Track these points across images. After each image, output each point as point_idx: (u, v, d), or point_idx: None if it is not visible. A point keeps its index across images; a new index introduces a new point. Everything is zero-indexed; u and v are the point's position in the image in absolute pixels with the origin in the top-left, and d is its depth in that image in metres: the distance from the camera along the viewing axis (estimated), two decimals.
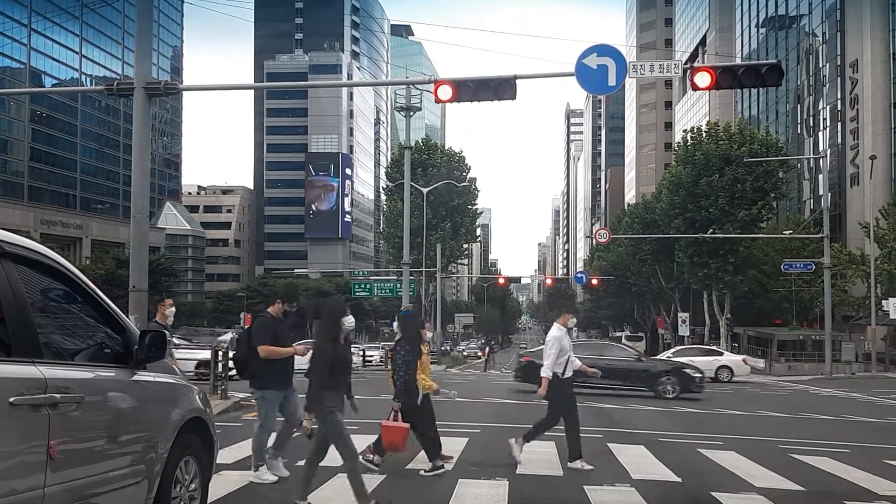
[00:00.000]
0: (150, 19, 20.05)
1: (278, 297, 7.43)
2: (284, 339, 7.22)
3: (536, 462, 8.42)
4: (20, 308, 3.22)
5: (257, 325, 7.20)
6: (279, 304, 7.30)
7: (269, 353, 7.00)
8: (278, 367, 7.10)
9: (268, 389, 7.11)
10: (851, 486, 7.66)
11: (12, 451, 2.98)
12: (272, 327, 7.17)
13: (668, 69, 13.87)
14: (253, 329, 7.21)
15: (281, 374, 7.15)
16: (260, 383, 7.14)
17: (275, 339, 7.10)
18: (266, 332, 7.11)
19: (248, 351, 7.11)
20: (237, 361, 7.42)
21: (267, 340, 7.03)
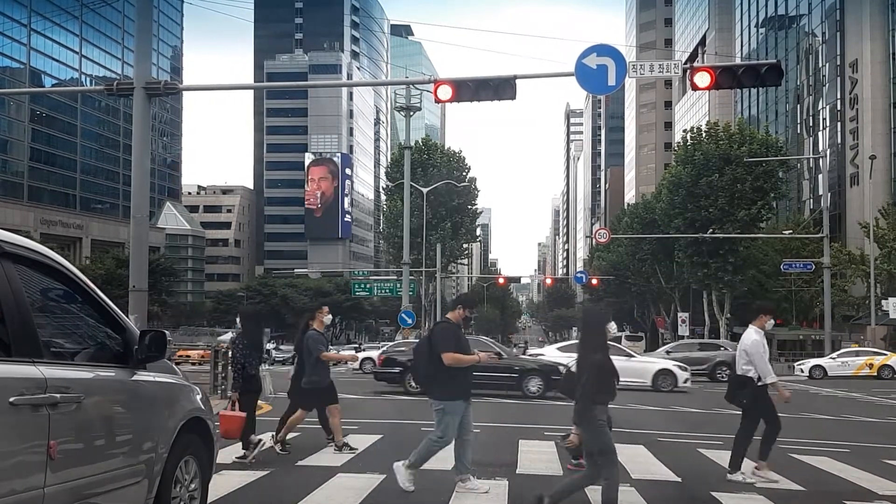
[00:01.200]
0: (150, 19, 20.07)
1: (459, 302, 7.00)
2: (467, 347, 6.82)
3: (536, 462, 8.42)
4: (20, 308, 3.22)
5: (440, 332, 6.77)
6: (461, 309, 6.89)
7: (454, 361, 6.56)
8: (461, 377, 6.69)
9: (451, 401, 6.66)
10: (851, 486, 7.66)
11: (12, 451, 2.98)
12: (456, 334, 6.76)
13: (667, 69, 13.87)
14: (435, 336, 6.77)
15: (464, 384, 6.75)
16: (442, 394, 6.68)
17: (458, 346, 6.68)
18: (450, 338, 6.67)
19: (428, 359, 6.69)
20: (413, 370, 7.08)
21: (451, 347, 6.60)
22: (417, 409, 14.75)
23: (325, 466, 7.72)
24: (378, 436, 10.14)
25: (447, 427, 6.67)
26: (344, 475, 7.28)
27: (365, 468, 7.69)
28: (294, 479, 7.07)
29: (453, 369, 6.59)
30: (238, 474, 7.12)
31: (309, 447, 8.97)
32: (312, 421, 11.55)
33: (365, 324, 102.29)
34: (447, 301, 70.76)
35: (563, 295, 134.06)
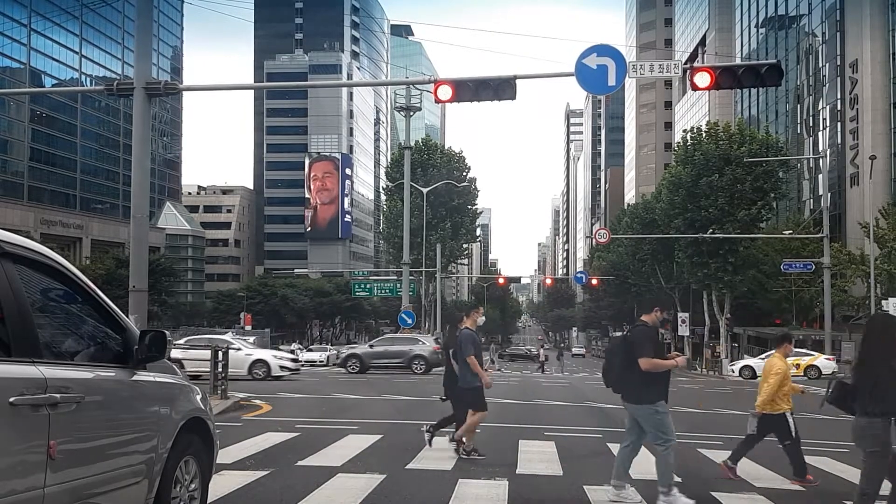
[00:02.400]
0: (150, 19, 20.08)
1: (655, 304, 6.79)
2: (663, 351, 6.67)
3: (536, 462, 8.42)
4: (20, 308, 3.22)
5: (639, 335, 6.54)
6: (657, 311, 6.67)
7: (653, 366, 6.37)
8: (661, 380, 6.51)
9: (660, 401, 6.47)
10: (851, 486, 7.65)
11: (12, 451, 2.98)
12: (654, 338, 6.57)
13: (667, 69, 13.87)
14: (633, 339, 6.56)
15: (665, 387, 6.55)
16: (647, 396, 6.47)
17: (656, 350, 6.50)
18: (649, 342, 6.48)
19: (624, 362, 6.52)
20: (607, 373, 6.81)
21: (650, 352, 6.41)
22: (418, 409, 14.76)
23: (325, 466, 7.72)
24: (378, 436, 10.14)
25: (666, 427, 6.44)
26: (344, 475, 7.28)
27: (365, 468, 7.69)
28: (294, 479, 7.07)
29: (652, 373, 6.39)
30: (238, 474, 7.12)
31: (309, 447, 8.97)
32: (312, 421, 11.55)
33: (365, 324, 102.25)
34: (447, 301, 70.70)
35: (563, 295, 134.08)
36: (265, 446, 9.00)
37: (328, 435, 10.04)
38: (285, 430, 10.38)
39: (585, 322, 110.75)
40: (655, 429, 6.46)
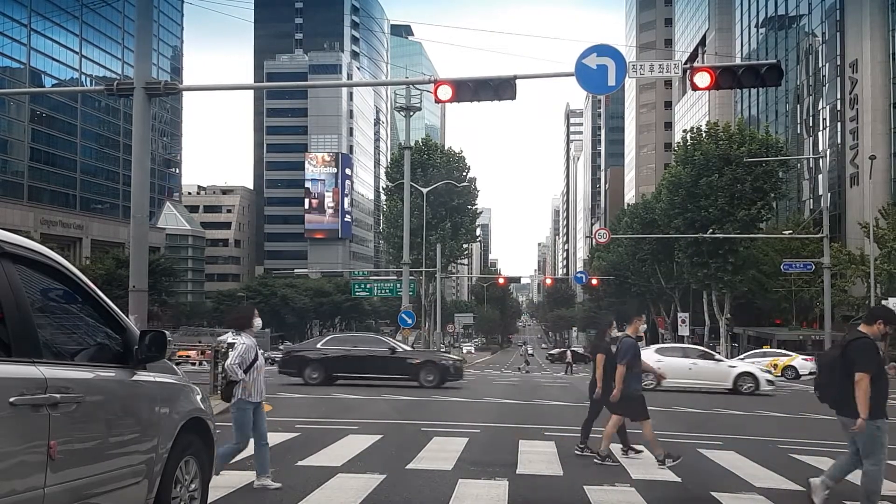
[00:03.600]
0: (150, 19, 20.08)
1: (877, 316, 6.29)
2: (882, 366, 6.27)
3: (536, 462, 8.42)
4: (20, 308, 3.22)
5: (861, 348, 6.11)
6: (880, 324, 6.21)
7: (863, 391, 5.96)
8: (881, 395, 6.15)
9: (881, 418, 6.11)
10: (851, 485, 7.65)
11: (12, 451, 2.97)
12: (876, 352, 6.19)
13: (667, 69, 13.87)
14: (852, 352, 6.13)
15: (884, 403, 6.21)
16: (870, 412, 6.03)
17: (878, 365, 6.11)
18: (872, 357, 6.07)
19: (842, 376, 6.16)
20: (821, 387, 6.43)
21: (873, 367, 6.02)
22: (417, 409, 14.77)
23: (325, 466, 7.72)
24: (378, 436, 10.13)
25: (882, 447, 6.13)
26: (344, 475, 7.28)
27: (365, 468, 7.69)
28: (294, 479, 7.07)
29: (875, 386, 5.99)
30: (238, 474, 7.12)
31: (309, 447, 8.97)
32: (312, 421, 11.56)
33: (365, 324, 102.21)
34: (447, 301, 70.58)
35: (563, 295, 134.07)
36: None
37: (328, 435, 10.04)
38: (285, 430, 10.37)
39: (585, 322, 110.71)
40: (870, 445, 6.14)
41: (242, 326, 6.82)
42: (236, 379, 6.60)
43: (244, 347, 6.69)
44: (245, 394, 6.64)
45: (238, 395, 6.66)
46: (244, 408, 6.70)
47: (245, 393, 6.64)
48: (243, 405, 6.70)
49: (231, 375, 6.63)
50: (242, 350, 6.68)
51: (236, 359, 6.62)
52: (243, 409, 6.70)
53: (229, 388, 6.69)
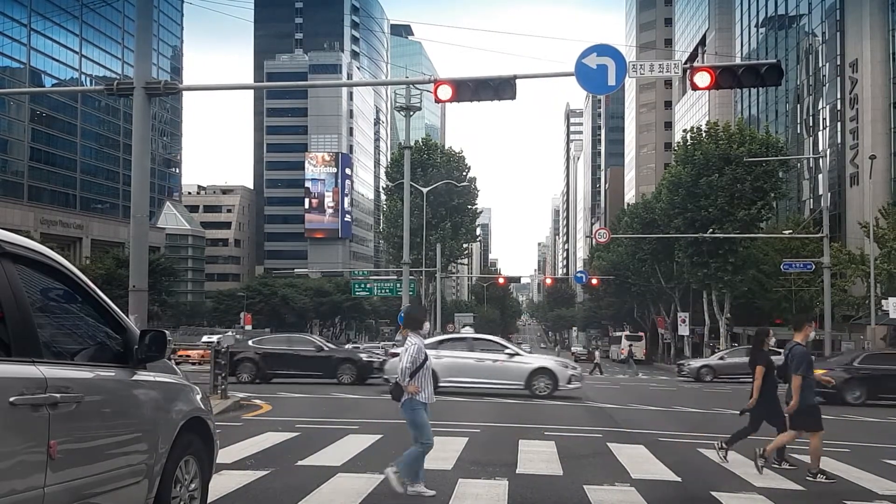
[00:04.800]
0: (150, 19, 20.08)
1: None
2: None
3: (536, 462, 8.42)
4: (20, 308, 3.22)
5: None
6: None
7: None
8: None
9: None
10: (851, 486, 7.66)
11: (12, 450, 2.98)
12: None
13: (667, 69, 13.86)
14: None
15: None
16: None
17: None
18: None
19: None
20: None
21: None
22: None
23: (325, 466, 7.72)
24: (378, 436, 10.13)
25: None
26: (344, 475, 7.28)
27: (365, 468, 7.69)
28: (294, 479, 7.07)
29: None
30: (238, 474, 7.12)
31: (309, 447, 8.97)
32: (312, 421, 11.55)
33: (365, 324, 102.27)
34: (447, 301, 70.46)
35: (563, 295, 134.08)
36: (265, 446, 9.00)
37: (328, 435, 10.04)
38: (285, 430, 10.38)
39: (585, 322, 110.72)
40: None
41: (415, 327, 6.71)
42: (403, 383, 6.45)
43: (416, 348, 6.53)
44: (414, 395, 6.49)
45: (406, 396, 6.52)
46: (417, 407, 6.54)
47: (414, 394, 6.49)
48: (416, 405, 6.54)
49: (399, 378, 6.47)
50: (414, 351, 6.51)
51: (408, 361, 6.45)
52: (417, 408, 6.55)
53: (399, 388, 6.56)
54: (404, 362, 6.48)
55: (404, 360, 6.48)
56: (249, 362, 21.15)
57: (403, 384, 6.46)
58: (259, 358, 21.30)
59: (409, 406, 6.57)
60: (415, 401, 6.53)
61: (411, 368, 6.44)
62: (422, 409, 6.57)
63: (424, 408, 6.61)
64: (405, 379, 6.44)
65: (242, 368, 20.98)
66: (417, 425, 6.58)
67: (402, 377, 6.46)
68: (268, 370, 21.22)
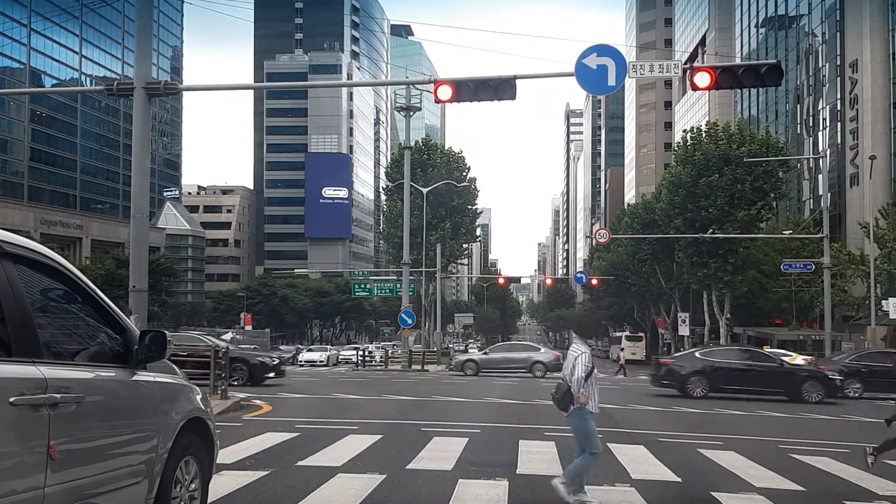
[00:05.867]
0: (150, 19, 20.07)
1: None
2: None
3: (536, 462, 8.42)
4: (20, 308, 3.22)
5: None
6: None
7: None
8: None
9: None
10: (851, 486, 7.66)
11: (12, 451, 2.97)
12: None
13: (667, 69, 13.86)
14: None
15: None
16: None
17: None
18: None
19: None
20: None
21: None
22: (417, 409, 14.77)
23: (325, 466, 7.72)
24: (378, 436, 10.13)
25: None
26: (344, 475, 7.28)
27: (365, 468, 7.69)
28: (294, 479, 7.07)
29: None
30: (238, 474, 7.12)
31: (309, 447, 8.96)
32: (312, 421, 11.54)
33: (365, 324, 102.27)
34: (447, 301, 70.50)
35: (563, 295, 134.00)
36: (265, 446, 9.00)
37: (328, 435, 10.04)
38: (285, 430, 10.38)
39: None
40: None
41: (589, 335, 6.57)
42: (577, 394, 6.33)
43: (587, 357, 6.42)
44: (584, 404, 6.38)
45: (575, 405, 6.40)
46: (587, 416, 6.44)
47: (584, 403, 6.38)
48: (585, 414, 6.43)
49: (573, 388, 6.35)
50: (586, 360, 6.39)
51: (582, 371, 6.32)
52: (586, 417, 6.44)
53: (567, 397, 6.43)
54: (579, 372, 6.34)
55: (578, 370, 6.34)
56: None
57: (577, 394, 6.33)
58: None
59: (578, 415, 6.45)
60: (584, 409, 6.42)
61: (585, 378, 6.34)
62: (591, 419, 6.49)
63: (592, 417, 6.54)
64: (579, 389, 6.32)
65: None
66: (587, 434, 6.48)
67: (577, 387, 6.32)
68: None
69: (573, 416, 6.48)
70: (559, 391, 6.55)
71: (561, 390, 6.52)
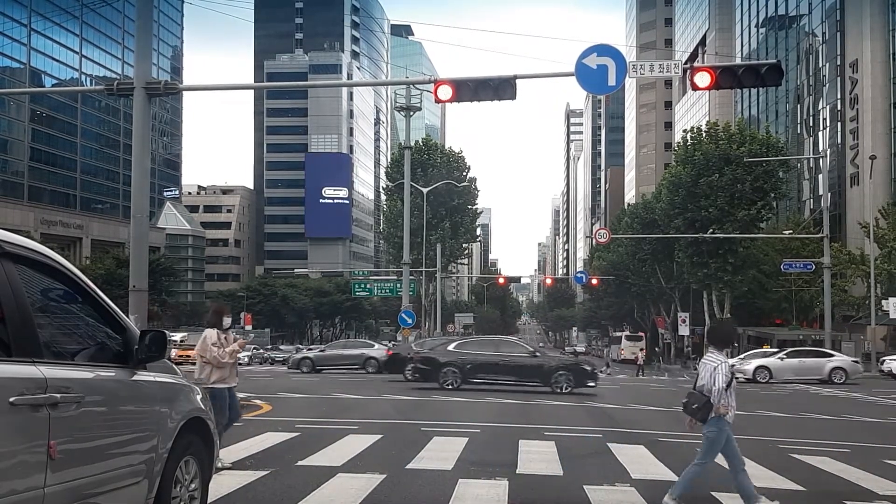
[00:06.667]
0: (150, 19, 20.05)
1: None
2: None
3: (536, 462, 8.41)
4: (20, 308, 3.22)
5: None
6: None
7: None
8: None
9: None
10: (851, 486, 7.66)
11: (12, 451, 2.97)
12: None
13: (667, 69, 13.86)
14: None
15: None
16: None
17: None
18: None
19: None
20: None
21: None
22: (417, 409, 14.77)
23: (325, 466, 7.72)
24: (378, 436, 10.13)
25: None
26: (344, 475, 7.27)
27: (365, 468, 7.68)
28: (294, 479, 7.07)
29: None
30: (238, 474, 7.12)
31: (309, 447, 8.96)
32: (312, 420, 11.54)
33: (365, 324, 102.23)
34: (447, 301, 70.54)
35: (563, 295, 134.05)
36: (265, 446, 9.00)
37: (328, 435, 10.04)
38: (285, 430, 10.37)
39: (585, 322, 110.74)
40: None
41: (722, 345, 6.42)
42: (717, 405, 6.20)
43: (726, 367, 6.29)
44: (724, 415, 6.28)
45: (714, 415, 6.27)
46: (724, 427, 6.34)
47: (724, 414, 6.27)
48: (724, 424, 6.32)
49: (713, 398, 6.21)
50: (726, 370, 6.27)
51: (724, 381, 6.19)
52: (724, 428, 6.33)
53: (707, 407, 6.29)
54: (720, 383, 6.23)
55: (719, 380, 6.22)
56: None
57: (717, 404, 6.23)
58: None
59: (716, 425, 6.34)
60: (723, 420, 6.32)
61: (726, 388, 6.24)
62: (728, 429, 6.40)
63: (729, 427, 6.44)
64: (720, 399, 6.23)
65: None
66: (714, 444, 6.39)
67: (718, 397, 6.23)
68: None
69: (712, 424, 6.36)
70: (695, 401, 6.41)
71: (698, 400, 6.38)
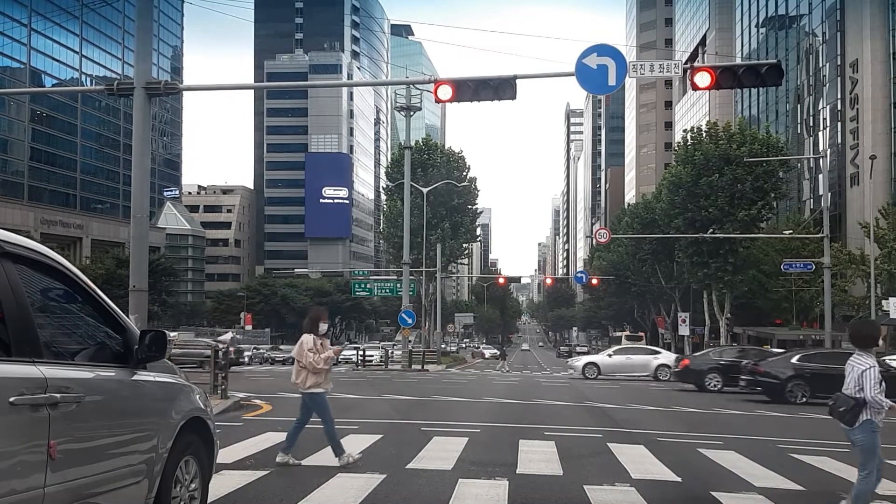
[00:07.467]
0: (150, 19, 20.05)
1: None
2: None
3: (536, 462, 8.42)
4: (20, 308, 3.22)
5: None
6: None
7: None
8: None
9: None
10: (851, 486, 7.65)
11: (12, 451, 2.97)
12: None
13: (668, 69, 13.85)
14: None
15: None
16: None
17: None
18: None
19: None
20: None
21: None
22: (418, 409, 14.77)
23: (325, 466, 7.72)
24: (378, 436, 10.13)
25: None
26: (344, 475, 7.28)
27: (365, 468, 7.68)
28: (294, 478, 7.07)
29: None
30: (238, 474, 7.12)
31: (309, 447, 8.96)
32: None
33: (365, 324, 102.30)
34: (447, 301, 70.60)
35: (563, 295, 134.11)
36: (265, 446, 9.00)
37: None
38: (285, 430, 10.35)
39: (585, 322, 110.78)
40: None
41: (867, 346, 6.20)
42: (881, 406, 5.95)
43: (876, 371, 6.05)
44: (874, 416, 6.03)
45: (864, 417, 6.03)
46: (877, 430, 6.09)
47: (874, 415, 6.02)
48: (876, 427, 6.07)
49: (872, 403, 5.95)
50: (876, 374, 6.03)
51: (876, 386, 5.95)
52: (876, 431, 6.08)
53: (856, 410, 6.03)
54: (874, 389, 6.00)
55: (873, 388, 5.99)
56: None
57: (881, 406, 5.99)
58: None
59: (868, 429, 6.09)
60: (874, 423, 6.06)
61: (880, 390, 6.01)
62: (878, 433, 6.14)
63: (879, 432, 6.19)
64: (881, 400, 6.00)
65: None
66: (873, 449, 6.10)
67: (879, 403, 5.99)
68: None
69: (861, 429, 6.11)
70: (842, 403, 6.14)
71: (846, 403, 6.12)
